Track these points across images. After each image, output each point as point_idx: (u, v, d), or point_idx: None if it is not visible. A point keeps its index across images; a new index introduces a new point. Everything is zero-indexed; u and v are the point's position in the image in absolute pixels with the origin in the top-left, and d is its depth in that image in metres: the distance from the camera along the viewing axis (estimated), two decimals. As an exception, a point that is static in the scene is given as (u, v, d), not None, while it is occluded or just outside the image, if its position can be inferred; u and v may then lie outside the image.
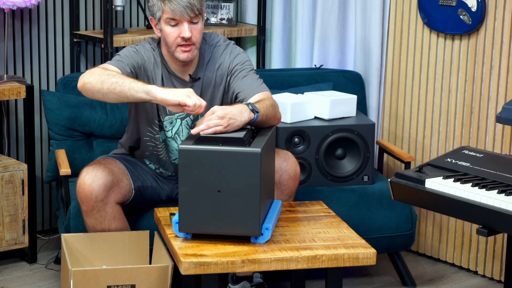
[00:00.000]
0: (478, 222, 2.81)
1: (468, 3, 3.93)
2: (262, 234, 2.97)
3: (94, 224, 3.39)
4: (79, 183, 3.34)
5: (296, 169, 3.48)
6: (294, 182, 3.49)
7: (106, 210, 3.35)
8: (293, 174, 3.47)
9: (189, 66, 3.45)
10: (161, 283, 3.21)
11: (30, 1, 3.90)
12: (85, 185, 3.31)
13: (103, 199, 3.33)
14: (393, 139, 4.39)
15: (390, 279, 4.04)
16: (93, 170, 3.34)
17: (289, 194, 3.49)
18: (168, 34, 3.34)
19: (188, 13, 3.30)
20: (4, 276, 3.96)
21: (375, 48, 4.36)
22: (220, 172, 2.92)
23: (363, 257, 2.96)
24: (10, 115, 4.28)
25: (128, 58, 3.37)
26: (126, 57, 3.38)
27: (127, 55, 3.39)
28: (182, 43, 3.33)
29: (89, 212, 3.35)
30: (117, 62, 3.33)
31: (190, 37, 3.32)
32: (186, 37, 3.31)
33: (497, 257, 4.01)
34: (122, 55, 3.39)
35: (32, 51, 4.28)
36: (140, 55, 3.41)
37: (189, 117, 3.49)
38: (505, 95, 3.89)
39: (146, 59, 3.42)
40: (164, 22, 3.34)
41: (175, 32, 3.33)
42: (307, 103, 3.99)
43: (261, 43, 4.71)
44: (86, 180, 3.32)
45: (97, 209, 3.34)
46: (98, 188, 3.31)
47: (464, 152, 3.17)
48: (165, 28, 3.35)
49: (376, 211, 3.87)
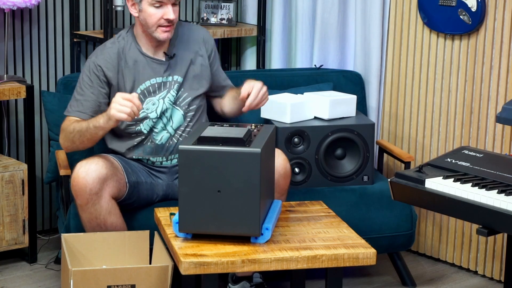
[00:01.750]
0: (478, 222, 2.81)
1: (468, 3, 3.93)
2: (262, 234, 2.98)
3: (89, 219, 3.39)
4: (73, 177, 3.37)
5: (286, 167, 3.49)
6: (285, 180, 3.49)
7: (101, 204, 3.36)
8: (283, 172, 3.48)
9: (161, 46, 3.57)
10: (161, 283, 3.21)
11: (30, 1, 3.90)
12: (79, 178, 3.33)
13: (97, 192, 3.34)
14: (393, 139, 4.40)
15: (390, 279, 4.04)
16: (86, 164, 3.37)
17: (281, 193, 3.50)
18: (151, 15, 3.45)
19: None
20: (4, 276, 3.96)
21: (375, 48, 4.36)
22: (220, 172, 2.92)
23: (363, 257, 2.96)
24: (10, 115, 4.29)
25: (87, 93, 3.51)
26: (85, 91, 3.51)
27: (85, 88, 3.52)
28: (165, 24, 3.45)
29: (84, 206, 3.36)
30: (77, 112, 3.50)
31: (173, 19, 3.46)
32: (170, 19, 3.45)
33: (497, 257, 4.01)
34: (79, 91, 3.53)
35: (32, 51, 4.28)
36: (100, 62, 3.51)
37: (169, 93, 3.57)
38: (505, 95, 3.89)
39: (109, 61, 3.52)
40: (148, 4, 3.44)
41: (159, 14, 3.45)
42: (307, 103, 3.99)
43: (261, 43, 4.71)
44: (80, 173, 3.34)
45: (92, 203, 3.35)
46: (92, 180, 3.33)
47: (464, 152, 3.17)
48: (147, 9, 3.45)
49: (376, 211, 3.87)
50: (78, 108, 3.50)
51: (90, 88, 3.50)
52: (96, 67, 3.51)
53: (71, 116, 3.51)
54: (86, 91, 3.51)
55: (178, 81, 3.57)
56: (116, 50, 3.53)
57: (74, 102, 3.52)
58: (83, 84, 3.52)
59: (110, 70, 3.51)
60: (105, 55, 3.53)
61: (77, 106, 3.51)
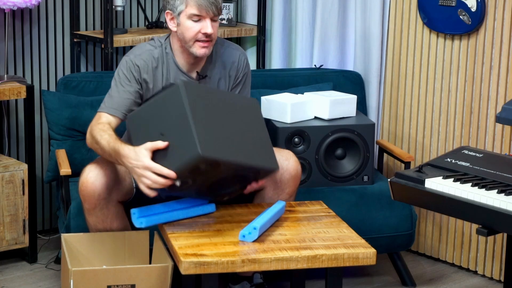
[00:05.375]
0: (478, 222, 2.81)
1: (468, 3, 3.93)
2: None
3: (96, 222, 3.39)
4: (81, 181, 3.33)
5: (298, 169, 3.49)
6: (295, 182, 3.50)
7: (108, 208, 3.36)
8: (294, 173, 3.48)
9: (198, 64, 3.48)
10: (161, 283, 3.21)
11: (30, 1, 3.90)
12: (88, 183, 3.31)
13: (105, 198, 3.33)
14: (393, 139, 4.40)
15: (390, 279, 4.05)
16: (96, 168, 3.33)
17: (290, 194, 3.50)
18: (189, 28, 3.36)
19: (213, 9, 3.34)
20: (4, 276, 3.96)
21: (375, 48, 4.36)
22: (160, 119, 3.05)
23: (363, 257, 2.97)
24: (10, 115, 4.29)
25: (122, 90, 3.41)
26: (120, 88, 3.41)
27: (120, 85, 3.42)
28: (203, 38, 3.36)
29: (91, 210, 3.35)
30: (110, 109, 3.39)
31: (211, 34, 3.36)
32: (208, 33, 3.35)
33: (496, 257, 4.01)
34: (114, 88, 3.42)
35: (32, 51, 4.28)
36: (138, 62, 3.43)
37: None
38: (505, 95, 3.89)
39: (148, 63, 3.43)
40: (186, 17, 3.36)
41: (197, 28, 3.36)
42: (307, 103, 3.99)
43: (261, 43, 4.71)
44: (89, 178, 3.32)
45: (99, 207, 3.34)
46: (101, 186, 3.31)
47: (464, 152, 3.17)
48: (185, 23, 3.36)
49: (376, 211, 3.87)
50: (112, 105, 3.39)
51: (126, 86, 3.41)
52: (134, 66, 3.42)
53: (104, 112, 3.38)
54: (122, 88, 3.41)
55: None
56: (156, 55, 3.45)
57: (108, 99, 3.41)
58: (119, 81, 3.42)
59: (146, 72, 3.43)
60: (143, 56, 3.44)
61: (111, 103, 3.40)
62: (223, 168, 3.03)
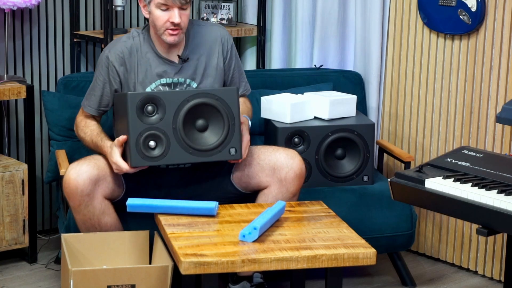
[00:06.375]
0: (478, 222, 2.81)
1: (468, 3, 3.93)
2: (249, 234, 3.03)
3: (84, 220, 3.40)
4: (64, 179, 3.38)
5: (302, 167, 3.50)
6: (299, 181, 3.51)
7: (93, 205, 3.37)
8: (299, 172, 3.49)
9: (176, 48, 3.55)
10: (161, 283, 3.21)
11: (30, 1, 3.90)
12: (70, 180, 3.34)
13: (89, 193, 3.34)
14: (393, 139, 4.40)
15: (390, 279, 4.05)
16: (77, 165, 3.39)
17: (294, 193, 3.50)
18: (157, 17, 3.44)
19: (180, 0, 3.41)
20: (4, 276, 3.96)
21: (375, 48, 4.36)
22: (123, 114, 3.38)
23: (363, 257, 2.97)
24: (10, 115, 4.29)
25: (96, 88, 3.57)
26: (95, 86, 3.57)
27: (95, 83, 3.57)
28: (171, 27, 3.44)
29: (77, 207, 3.37)
30: (87, 107, 3.58)
31: (179, 23, 3.42)
32: (176, 22, 3.42)
33: (496, 257, 4.01)
34: (91, 85, 3.60)
35: (32, 51, 4.28)
36: (111, 57, 3.52)
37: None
38: (505, 95, 3.89)
39: (121, 55, 3.52)
40: (155, 6, 3.44)
41: (165, 16, 3.44)
42: (307, 103, 3.99)
43: (261, 43, 4.71)
44: (71, 175, 3.35)
45: (84, 204, 3.35)
46: (83, 182, 3.33)
47: (464, 152, 3.17)
48: (155, 12, 3.44)
49: (376, 211, 3.87)
50: (88, 102, 3.58)
51: (100, 83, 3.54)
52: (108, 62, 3.52)
53: (84, 109, 3.61)
54: (96, 86, 3.56)
55: (191, 86, 3.55)
56: (130, 45, 3.53)
57: (86, 96, 3.61)
58: (95, 78, 3.57)
59: (121, 64, 3.51)
60: (117, 49, 3.52)
61: (87, 100, 3.59)
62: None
